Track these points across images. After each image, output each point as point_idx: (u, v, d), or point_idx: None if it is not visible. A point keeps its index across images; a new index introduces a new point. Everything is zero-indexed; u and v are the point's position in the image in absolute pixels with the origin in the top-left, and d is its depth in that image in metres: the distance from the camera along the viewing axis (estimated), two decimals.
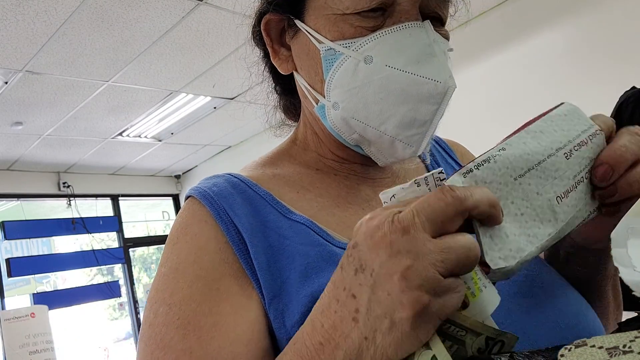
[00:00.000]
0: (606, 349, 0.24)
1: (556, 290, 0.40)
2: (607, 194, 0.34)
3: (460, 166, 0.56)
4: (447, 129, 0.55)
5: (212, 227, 0.40)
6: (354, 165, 0.47)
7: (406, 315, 0.25)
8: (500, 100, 2.62)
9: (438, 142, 0.57)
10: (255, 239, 0.39)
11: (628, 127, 0.35)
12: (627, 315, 0.36)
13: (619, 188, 0.33)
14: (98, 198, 4.16)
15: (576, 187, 0.32)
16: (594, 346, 0.25)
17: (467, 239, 0.26)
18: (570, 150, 0.32)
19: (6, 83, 2.45)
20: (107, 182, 4.20)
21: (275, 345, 0.36)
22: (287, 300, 0.36)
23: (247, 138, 4.01)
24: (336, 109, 0.42)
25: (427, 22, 0.40)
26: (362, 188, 0.47)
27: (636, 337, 0.24)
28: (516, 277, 0.38)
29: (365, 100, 0.41)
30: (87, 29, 2.11)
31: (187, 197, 0.44)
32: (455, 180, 0.28)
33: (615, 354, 0.24)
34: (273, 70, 0.50)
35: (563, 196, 0.31)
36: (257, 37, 0.49)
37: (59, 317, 3.55)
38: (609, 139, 0.35)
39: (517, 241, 0.28)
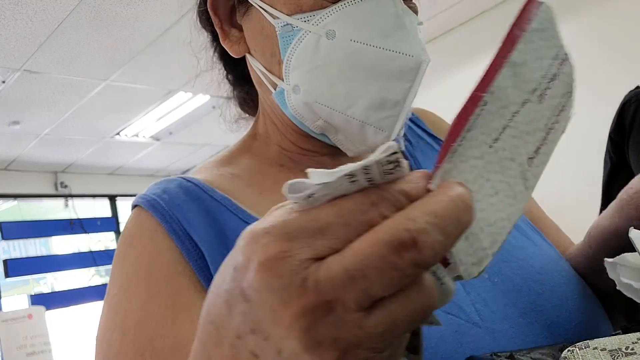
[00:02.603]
0: (609, 351, 0.24)
1: (553, 281, 0.38)
2: None
3: (433, 137, 0.50)
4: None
5: (164, 238, 0.36)
6: (323, 158, 0.43)
7: None
8: None
9: (412, 119, 0.51)
10: (214, 252, 0.35)
11: None
12: None
13: None
14: (96, 198, 4.15)
15: (546, 138, 0.24)
16: (596, 348, 0.24)
17: (423, 296, 0.16)
18: (545, 89, 0.23)
19: (4, 82, 2.45)
20: (105, 182, 4.20)
21: None
22: None
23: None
24: (297, 92, 0.38)
25: None
26: None
27: (639, 339, 0.24)
28: (510, 275, 0.37)
29: (329, 81, 0.36)
30: (85, 28, 2.11)
31: (134, 207, 0.39)
32: (444, 170, 0.19)
33: (618, 356, 0.24)
34: (224, 57, 0.46)
35: (534, 155, 0.24)
36: (204, 18, 0.44)
37: (56, 318, 3.54)
38: None
39: (492, 232, 0.22)
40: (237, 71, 0.47)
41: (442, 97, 2.68)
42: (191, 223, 0.36)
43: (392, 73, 0.36)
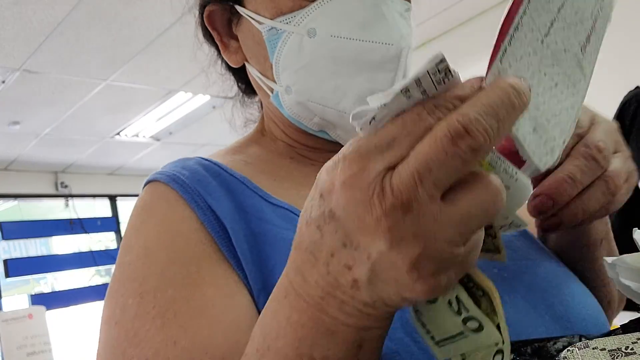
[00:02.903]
0: (608, 350, 0.24)
1: (557, 280, 0.38)
2: (550, 226, 0.31)
3: None
4: None
5: (186, 208, 0.34)
6: (330, 154, 0.44)
7: (422, 297, 0.20)
8: None
9: None
10: (236, 226, 0.34)
11: (586, 144, 0.30)
12: (631, 315, 0.36)
13: (564, 217, 0.30)
14: (96, 198, 4.15)
15: (594, 26, 0.24)
16: (596, 348, 0.24)
17: (489, 191, 0.19)
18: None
19: (3, 82, 2.44)
20: (105, 182, 4.20)
21: None
22: None
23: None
24: (289, 93, 0.39)
25: None
26: None
27: (639, 339, 0.24)
28: (518, 272, 0.37)
29: (317, 79, 0.37)
30: (84, 27, 2.11)
31: (148, 182, 0.38)
32: (495, 71, 0.20)
33: (618, 356, 0.24)
34: (231, 68, 0.47)
35: (585, 44, 0.24)
36: (206, 33, 0.45)
37: (56, 318, 3.54)
38: (579, 140, 0.30)
39: (559, 122, 0.22)
40: (245, 80, 0.48)
41: None
42: (213, 196, 0.35)
43: (375, 64, 0.36)
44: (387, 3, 0.37)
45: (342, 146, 0.43)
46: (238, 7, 0.41)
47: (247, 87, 0.49)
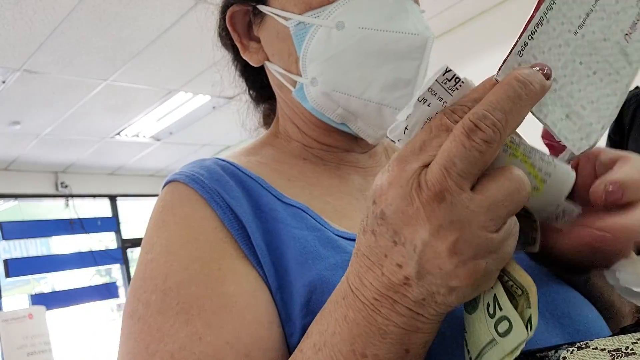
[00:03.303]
0: (608, 351, 0.24)
1: (564, 295, 0.38)
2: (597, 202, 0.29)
3: None
4: None
5: (206, 207, 0.36)
6: (343, 154, 0.45)
7: (464, 284, 0.22)
8: None
9: None
10: (253, 224, 0.35)
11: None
12: None
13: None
14: (96, 198, 4.15)
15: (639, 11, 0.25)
16: (596, 348, 0.24)
17: (512, 180, 0.22)
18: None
19: (4, 82, 2.45)
20: (105, 182, 4.20)
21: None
22: (289, 292, 0.33)
23: (246, 138, 4.00)
24: (315, 84, 0.40)
25: None
26: (353, 178, 0.45)
27: (639, 340, 0.24)
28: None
29: (343, 69, 0.39)
30: (85, 27, 2.11)
31: (168, 182, 0.39)
32: (511, 64, 0.22)
33: (618, 356, 0.24)
34: (245, 74, 0.49)
35: (630, 32, 0.25)
36: (225, 37, 0.47)
37: (56, 318, 3.54)
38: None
39: (597, 108, 0.24)
40: (256, 87, 0.50)
41: None
42: (231, 195, 0.37)
43: (401, 53, 0.38)
44: (408, 1, 0.40)
45: (359, 147, 0.45)
46: (261, 7, 0.43)
47: (257, 94, 0.50)
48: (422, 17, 0.40)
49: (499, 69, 0.23)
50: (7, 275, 3.42)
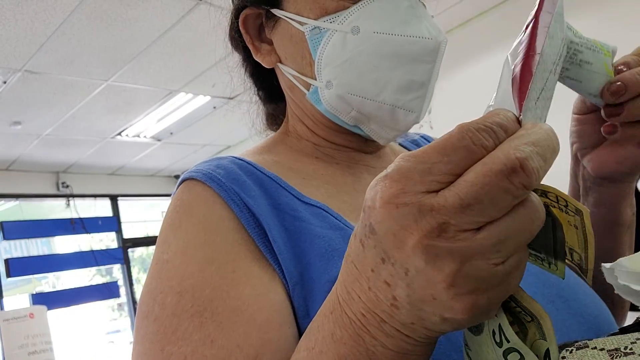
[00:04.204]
0: (607, 350, 0.24)
1: (571, 279, 0.40)
2: (613, 113, 0.35)
3: None
4: (447, 128, 0.55)
5: (223, 207, 0.36)
6: (353, 153, 0.46)
7: (460, 317, 0.20)
8: None
9: (429, 140, 0.56)
10: (271, 222, 0.36)
11: None
12: (632, 315, 0.36)
13: (626, 110, 0.34)
14: (97, 198, 4.15)
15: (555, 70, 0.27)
16: (595, 348, 0.24)
17: (527, 208, 0.19)
18: (557, 65, 0.27)
19: (5, 83, 2.45)
20: (106, 182, 4.20)
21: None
22: (310, 287, 0.33)
23: (246, 138, 4.01)
24: (329, 87, 0.41)
25: None
26: (365, 177, 0.45)
27: (637, 339, 0.24)
28: (532, 271, 0.38)
29: (358, 72, 0.40)
30: (86, 28, 2.11)
31: (184, 180, 0.39)
32: (529, 115, 0.21)
33: (617, 356, 0.24)
34: (254, 75, 0.50)
35: (554, 67, 0.27)
36: (236, 39, 0.48)
37: (58, 318, 3.54)
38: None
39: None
40: (264, 88, 0.51)
41: (442, 97, 2.68)
42: (249, 194, 0.37)
43: (415, 56, 0.39)
44: (419, 7, 0.41)
45: (369, 147, 0.46)
46: (276, 11, 0.43)
47: (265, 95, 0.51)
48: (434, 21, 0.41)
49: (522, 110, 0.21)
50: (8, 275, 3.42)
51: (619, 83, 0.33)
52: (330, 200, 0.41)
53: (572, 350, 0.25)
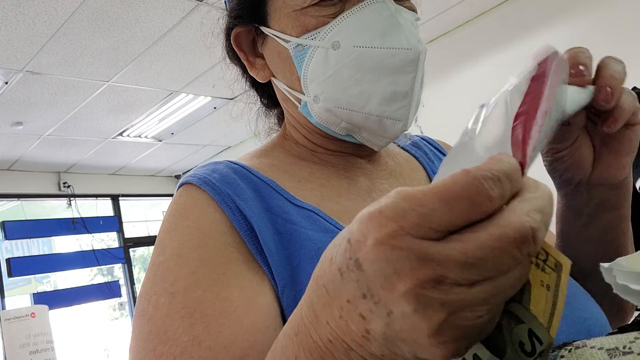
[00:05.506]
0: (606, 349, 0.24)
1: None
2: (610, 123, 0.34)
3: None
4: (446, 129, 0.56)
5: (216, 210, 0.37)
6: (349, 157, 0.47)
7: (436, 359, 0.19)
8: None
9: (429, 141, 0.57)
10: (263, 225, 0.37)
11: (609, 57, 0.36)
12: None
13: (617, 113, 0.34)
14: (98, 198, 4.16)
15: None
16: (594, 347, 0.25)
17: (520, 273, 0.19)
18: (548, 134, 0.26)
19: (6, 83, 2.45)
20: (108, 182, 4.20)
21: None
22: (299, 289, 0.34)
23: (246, 138, 4.01)
24: (317, 102, 0.42)
25: None
26: (361, 180, 0.46)
27: (636, 338, 0.25)
28: None
29: (342, 86, 0.40)
30: (87, 29, 2.11)
31: (182, 185, 0.41)
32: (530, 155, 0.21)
33: (615, 355, 0.24)
34: (255, 84, 0.51)
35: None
36: (232, 55, 0.49)
37: (59, 317, 3.54)
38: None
39: None
40: (266, 96, 0.52)
41: (442, 97, 2.68)
42: (241, 198, 0.38)
43: (396, 67, 0.39)
44: (400, 14, 0.40)
45: (364, 151, 0.46)
46: (263, 28, 0.44)
47: (269, 101, 0.52)
48: (415, 28, 0.41)
49: (527, 160, 0.21)
50: (10, 274, 3.42)
51: (608, 89, 0.32)
52: (324, 203, 0.42)
53: (571, 349, 0.25)
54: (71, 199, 3.95)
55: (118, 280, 4.05)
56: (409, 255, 0.18)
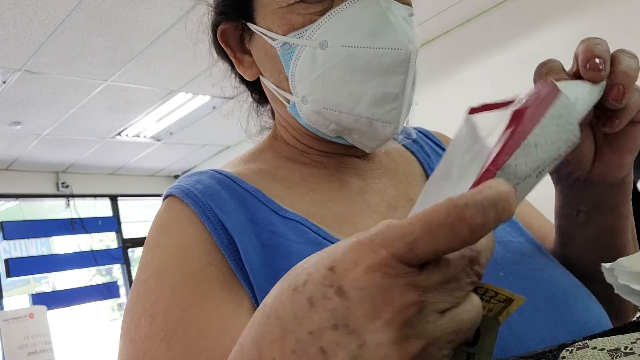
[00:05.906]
0: (607, 350, 0.24)
1: (563, 284, 0.39)
2: (612, 123, 0.33)
3: None
4: (445, 129, 0.55)
5: (197, 227, 0.37)
6: (342, 158, 0.46)
7: None
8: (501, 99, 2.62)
9: (425, 133, 0.55)
10: (245, 239, 0.36)
11: (622, 50, 0.35)
12: None
13: (622, 113, 0.33)
14: (97, 198, 4.15)
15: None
16: (595, 348, 0.24)
17: (473, 309, 0.20)
18: (546, 167, 0.26)
19: (4, 82, 2.45)
20: (106, 182, 4.20)
21: None
22: None
23: (245, 138, 4.00)
24: (306, 103, 0.41)
25: None
26: (354, 180, 0.45)
27: (638, 339, 0.24)
28: (524, 275, 0.38)
29: (331, 87, 0.39)
30: (85, 28, 2.11)
31: (167, 196, 0.41)
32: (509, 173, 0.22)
33: (617, 356, 0.24)
34: (244, 81, 0.49)
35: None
36: (220, 51, 0.47)
37: (57, 318, 3.54)
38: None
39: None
40: (256, 92, 0.51)
41: (442, 97, 2.68)
42: (223, 210, 0.37)
43: (386, 68, 0.38)
44: (391, 10, 0.38)
45: (356, 151, 0.45)
46: (250, 25, 0.43)
47: (260, 97, 0.51)
48: (408, 25, 0.39)
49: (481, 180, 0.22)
50: (8, 275, 3.42)
51: (620, 87, 0.31)
52: (315, 209, 0.41)
53: (572, 350, 0.25)
54: (69, 199, 3.94)
55: (117, 281, 4.05)
56: (399, 282, 0.18)
